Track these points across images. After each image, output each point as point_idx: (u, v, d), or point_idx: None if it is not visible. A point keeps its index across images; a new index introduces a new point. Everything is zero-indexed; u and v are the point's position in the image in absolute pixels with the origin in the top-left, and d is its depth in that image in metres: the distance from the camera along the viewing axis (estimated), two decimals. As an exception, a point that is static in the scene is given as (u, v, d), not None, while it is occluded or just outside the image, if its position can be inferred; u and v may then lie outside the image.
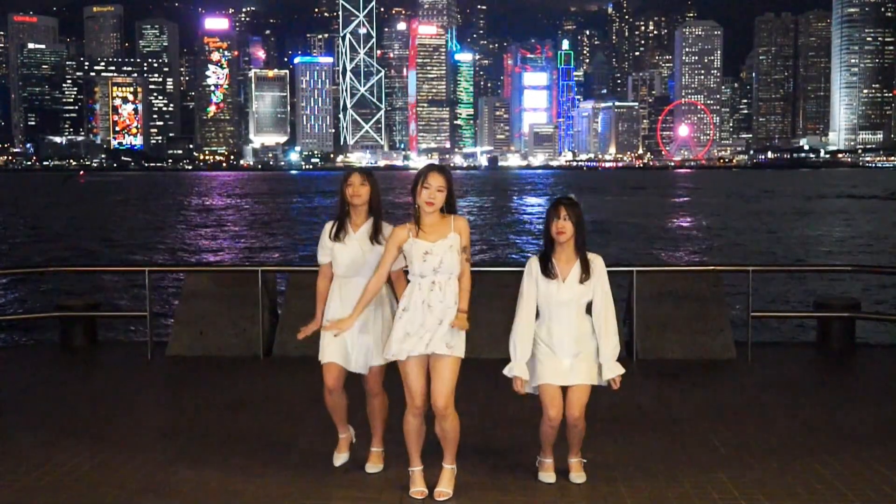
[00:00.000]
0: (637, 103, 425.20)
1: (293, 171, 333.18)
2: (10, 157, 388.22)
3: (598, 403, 5.10)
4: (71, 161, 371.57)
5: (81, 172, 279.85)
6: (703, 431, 6.42)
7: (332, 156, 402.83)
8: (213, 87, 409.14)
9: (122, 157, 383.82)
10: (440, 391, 4.97)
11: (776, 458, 5.73)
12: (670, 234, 46.84)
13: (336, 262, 5.29)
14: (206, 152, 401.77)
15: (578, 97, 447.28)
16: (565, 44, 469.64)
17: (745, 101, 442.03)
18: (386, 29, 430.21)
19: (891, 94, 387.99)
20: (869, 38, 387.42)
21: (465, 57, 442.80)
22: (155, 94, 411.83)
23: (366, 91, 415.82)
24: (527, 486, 5.27)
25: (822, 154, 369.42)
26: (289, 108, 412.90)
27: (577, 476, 5.31)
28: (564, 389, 5.20)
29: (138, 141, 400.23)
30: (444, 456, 5.15)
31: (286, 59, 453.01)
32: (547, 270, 5.08)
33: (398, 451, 5.66)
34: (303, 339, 5.37)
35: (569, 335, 5.11)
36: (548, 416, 5.18)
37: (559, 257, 5.10)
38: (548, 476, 5.33)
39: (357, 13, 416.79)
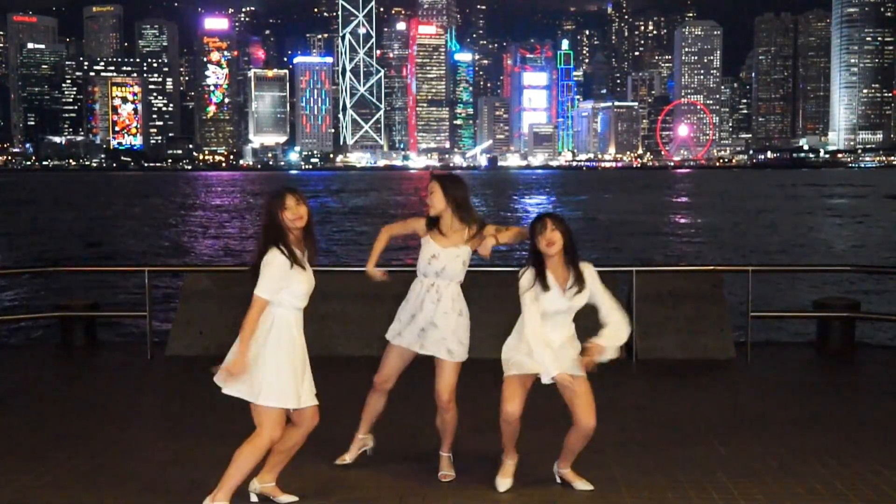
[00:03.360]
0: (636, 103, 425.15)
1: (293, 171, 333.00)
2: (9, 157, 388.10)
3: (597, 403, 5.13)
4: (70, 161, 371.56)
5: None
6: (703, 431, 6.41)
7: (331, 156, 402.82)
8: (212, 87, 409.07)
9: (122, 157, 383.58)
10: (443, 388, 5.27)
11: (776, 458, 5.72)
12: (670, 233, 46.82)
13: (295, 293, 4.74)
14: (206, 152, 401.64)
15: (578, 97, 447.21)
16: (565, 44, 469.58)
17: (745, 101, 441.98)
18: (385, 29, 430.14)
19: (890, 94, 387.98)
20: (869, 38, 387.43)
21: (464, 57, 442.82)
22: (154, 94, 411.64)
23: (365, 91, 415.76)
24: (526, 486, 5.26)
25: (821, 154, 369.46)
26: (288, 108, 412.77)
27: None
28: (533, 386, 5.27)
29: (138, 141, 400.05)
30: (441, 445, 5.47)
31: (286, 59, 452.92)
32: (542, 282, 5.03)
33: (398, 451, 5.75)
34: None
35: (558, 342, 5.10)
36: (504, 411, 5.23)
37: (552, 270, 5.05)
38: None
39: (357, 13, 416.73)
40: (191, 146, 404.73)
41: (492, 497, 5.12)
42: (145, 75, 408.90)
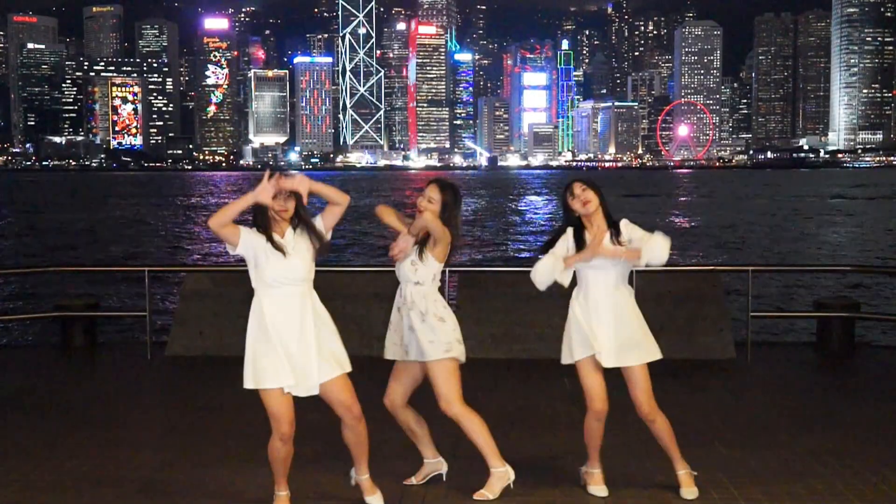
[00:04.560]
0: (636, 103, 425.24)
1: (293, 171, 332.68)
2: (9, 157, 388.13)
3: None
4: (70, 161, 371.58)
5: None
6: (703, 431, 6.41)
7: (331, 156, 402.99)
8: (212, 87, 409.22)
9: (122, 157, 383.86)
10: (438, 396, 5.07)
11: (776, 458, 5.72)
12: (670, 233, 46.80)
13: (261, 275, 4.79)
14: (206, 152, 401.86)
15: (578, 97, 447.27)
16: (565, 44, 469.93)
17: (745, 101, 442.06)
18: (385, 29, 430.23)
19: (890, 94, 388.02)
20: (868, 38, 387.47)
21: (464, 57, 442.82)
22: (154, 94, 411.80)
23: (365, 91, 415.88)
24: (526, 486, 5.24)
25: (821, 154, 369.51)
26: (288, 108, 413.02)
27: (688, 491, 5.11)
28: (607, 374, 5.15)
29: (138, 141, 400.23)
30: (485, 460, 5.14)
31: (286, 59, 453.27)
32: (581, 242, 5.03)
33: (397, 450, 5.72)
34: None
35: (605, 303, 5.05)
36: (591, 408, 5.12)
37: (591, 229, 5.07)
38: (598, 489, 5.17)
39: (357, 13, 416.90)
40: (191, 146, 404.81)
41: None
42: (145, 75, 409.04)
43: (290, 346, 4.66)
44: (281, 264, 4.69)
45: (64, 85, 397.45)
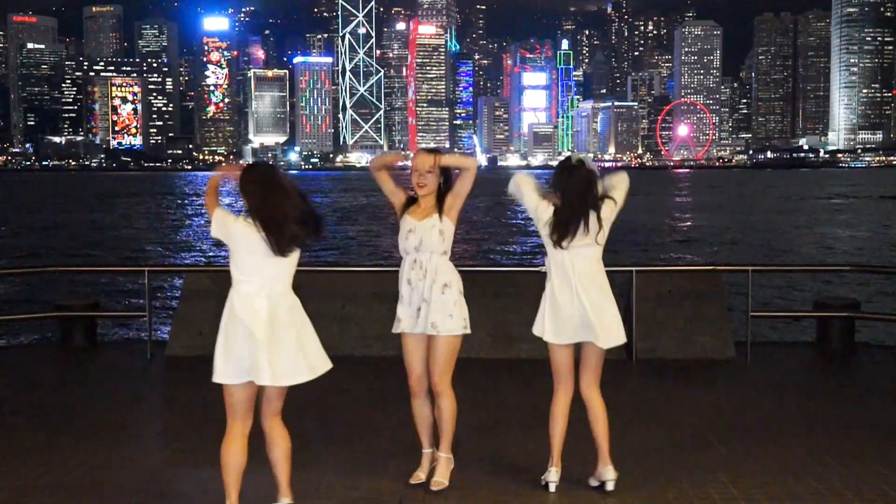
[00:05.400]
0: (636, 103, 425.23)
1: (293, 171, 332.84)
2: (9, 157, 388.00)
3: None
4: (70, 161, 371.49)
5: None
6: (703, 431, 6.41)
7: (331, 156, 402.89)
8: (212, 87, 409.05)
9: (122, 157, 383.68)
10: (433, 370, 5.04)
11: (776, 458, 5.72)
12: (670, 233, 46.84)
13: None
14: (206, 152, 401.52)
15: (578, 97, 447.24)
16: (565, 44, 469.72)
17: (745, 100, 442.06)
18: (385, 29, 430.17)
19: (890, 94, 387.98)
20: (868, 38, 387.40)
21: (464, 57, 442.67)
22: (154, 94, 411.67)
23: (365, 91, 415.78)
24: (525, 486, 5.24)
25: (821, 154, 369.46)
26: (288, 108, 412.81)
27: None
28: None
29: (138, 141, 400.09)
30: (440, 442, 5.15)
31: (285, 59, 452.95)
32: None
33: (397, 450, 5.73)
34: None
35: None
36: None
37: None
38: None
39: (356, 13, 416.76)
40: (191, 146, 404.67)
41: (492, 498, 5.08)
42: (145, 75, 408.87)
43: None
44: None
45: (64, 85, 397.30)
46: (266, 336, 4.38)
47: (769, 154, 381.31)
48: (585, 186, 5.00)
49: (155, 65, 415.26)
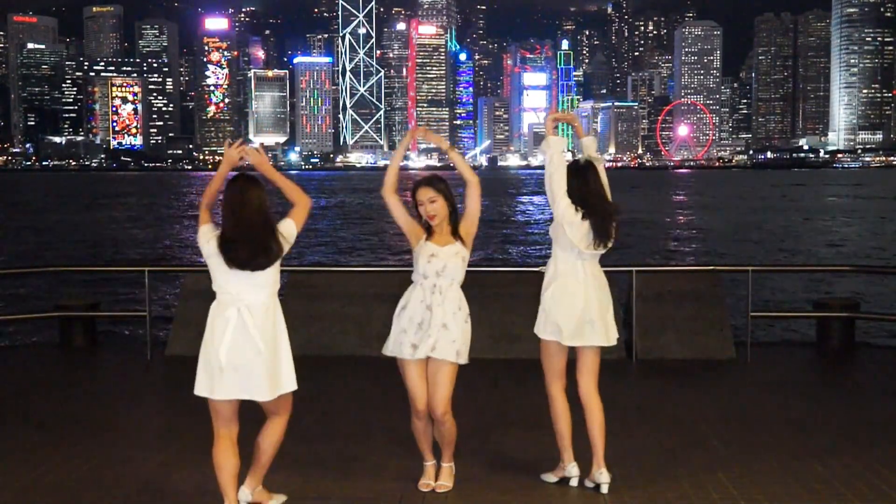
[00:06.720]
0: (636, 103, 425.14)
1: (293, 171, 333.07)
2: (9, 157, 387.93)
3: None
4: (71, 161, 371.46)
5: None
6: (703, 431, 6.41)
7: (331, 156, 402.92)
8: (212, 87, 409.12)
9: (122, 158, 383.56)
10: (439, 398, 4.97)
11: (776, 458, 5.72)
12: (670, 233, 46.83)
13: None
14: (206, 152, 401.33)
15: (578, 97, 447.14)
16: (565, 44, 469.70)
17: (745, 101, 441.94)
18: (385, 29, 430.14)
19: (890, 94, 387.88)
20: (868, 38, 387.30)
21: (464, 57, 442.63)
22: (155, 94, 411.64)
23: (365, 91, 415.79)
24: (525, 486, 5.25)
25: (821, 154, 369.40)
26: (288, 108, 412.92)
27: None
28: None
29: (138, 141, 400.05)
30: (442, 455, 5.21)
31: (286, 59, 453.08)
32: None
33: (396, 450, 5.74)
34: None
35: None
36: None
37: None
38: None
39: (357, 13, 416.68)
40: (191, 146, 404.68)
41: (491, 498, 5.09)
42: (145, 75, 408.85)
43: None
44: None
45: (64, 85, 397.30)
46: (229, 349, 4.56)
47: (769, 154, 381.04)
48: (600, 188, 5.25)
49: (155, 65, 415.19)
